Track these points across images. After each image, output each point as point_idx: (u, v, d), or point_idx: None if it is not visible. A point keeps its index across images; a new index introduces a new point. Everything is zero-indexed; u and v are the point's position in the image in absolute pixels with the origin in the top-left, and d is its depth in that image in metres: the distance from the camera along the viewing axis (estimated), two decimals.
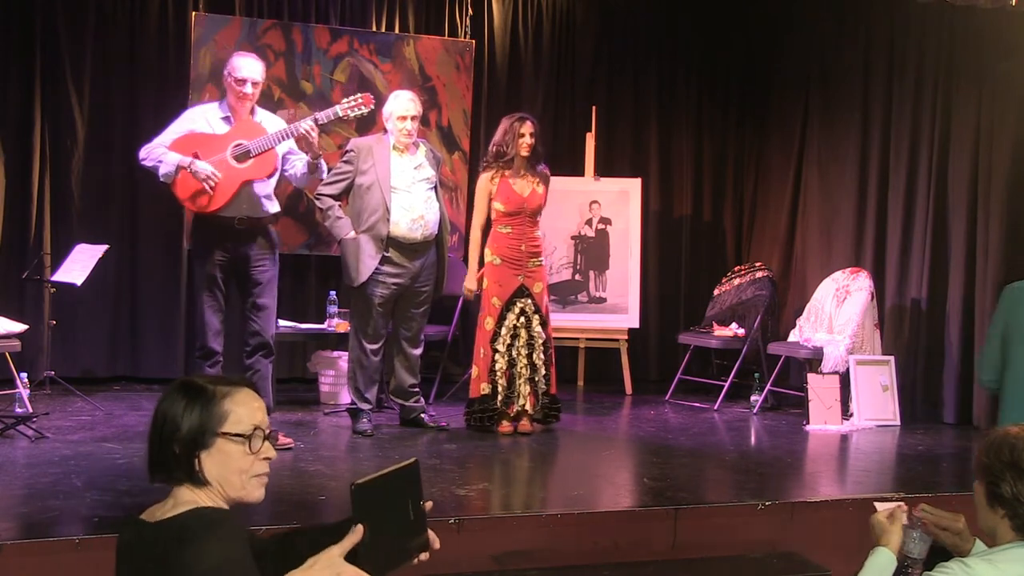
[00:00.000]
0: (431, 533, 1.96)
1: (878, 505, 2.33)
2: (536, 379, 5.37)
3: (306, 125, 4.80)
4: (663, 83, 7.66)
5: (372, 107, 5.09)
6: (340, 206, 5.28)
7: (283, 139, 4.87)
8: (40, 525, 3.49)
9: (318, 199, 5.29)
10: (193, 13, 6.37)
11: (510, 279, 5.36)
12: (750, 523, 3.98)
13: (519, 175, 5.38)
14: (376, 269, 5.18)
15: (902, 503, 2.33)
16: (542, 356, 5.39)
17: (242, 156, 4.81)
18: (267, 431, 1.89)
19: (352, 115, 5.05)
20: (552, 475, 4.93)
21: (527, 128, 5.34)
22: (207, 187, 4.75)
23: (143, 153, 4.93)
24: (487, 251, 5.40)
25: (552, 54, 7.39)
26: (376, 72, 6.73)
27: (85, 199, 6.38)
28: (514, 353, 5.34)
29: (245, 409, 1.86)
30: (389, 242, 5.17)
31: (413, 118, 5.23)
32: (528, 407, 5.37)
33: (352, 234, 5.19)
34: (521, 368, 5.34)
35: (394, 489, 1.89)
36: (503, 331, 5.32)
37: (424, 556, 1.95)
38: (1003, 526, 2.14)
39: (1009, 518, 2.13)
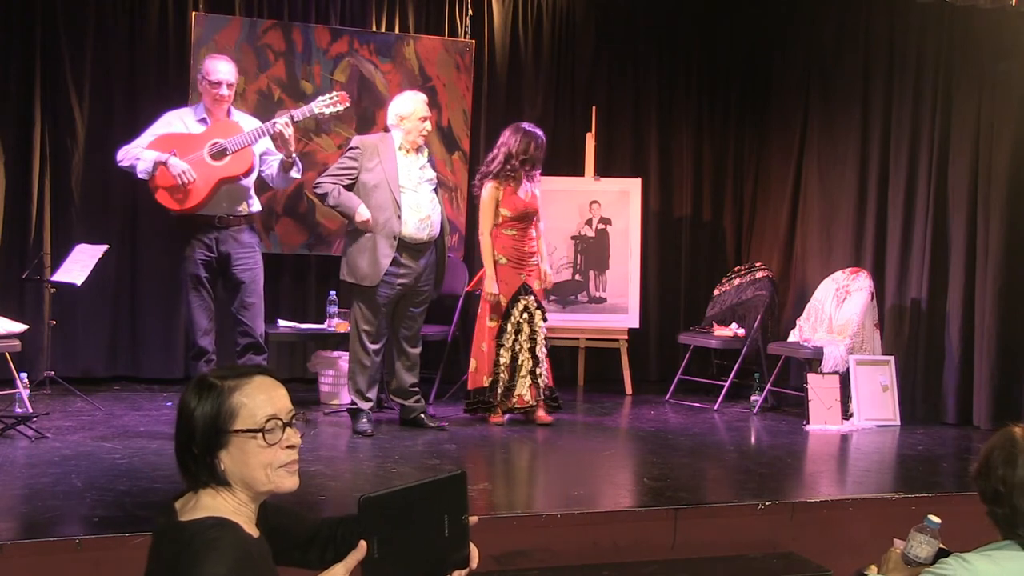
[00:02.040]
0: (473, 550, 1.87)
1: (897, 541, 2.34)
2: (537, 371, 5.61)
3: (282, 122, 4.84)
4: (663, 83, 7.65)
5: (347, 105, 5.16)
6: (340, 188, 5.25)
7: (259, 137, 4.94)
8: (40, 525, 3.49)
9: (318, 187, 5.25)
10: (193, 13, 6.37)
11: (514, 277, 5.60)
12: (750, 523, 3.98)
13: (521, 182, 5.61)
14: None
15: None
16: (543, 350, 5.65)
17: (219, 154, 4.88)
18: (287, 418, 1.83)
19: (328, 112, 5.11)
20: (552, 475, 4.93)
21: (543, 141, 5.70)
22: (180, 182, 4.83)
23: (120, 155, 5.02)
24: (494, 252, 5.62)
25: (552, 54, 7.39)
26: (376, 72, 6.73)
27: (85, 199, 6.37)
28: (516, 348, 5.57)
29: (258, 400, 1.80)
30: (399, 242, 5.18)
31: (430, 119, 5.36)
32: (530, 398, 5.61)
33: (362, 208, 5.13)
34: (524, 361, 5.58)
35: (419, 502, 1.81)
36: (508, 327, 5.56)
37: (459, 574, 1.85)
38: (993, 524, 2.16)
39: (989, 515, 2.15)
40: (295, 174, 5.17)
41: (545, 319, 5.68)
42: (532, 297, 5.61)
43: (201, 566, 1.67)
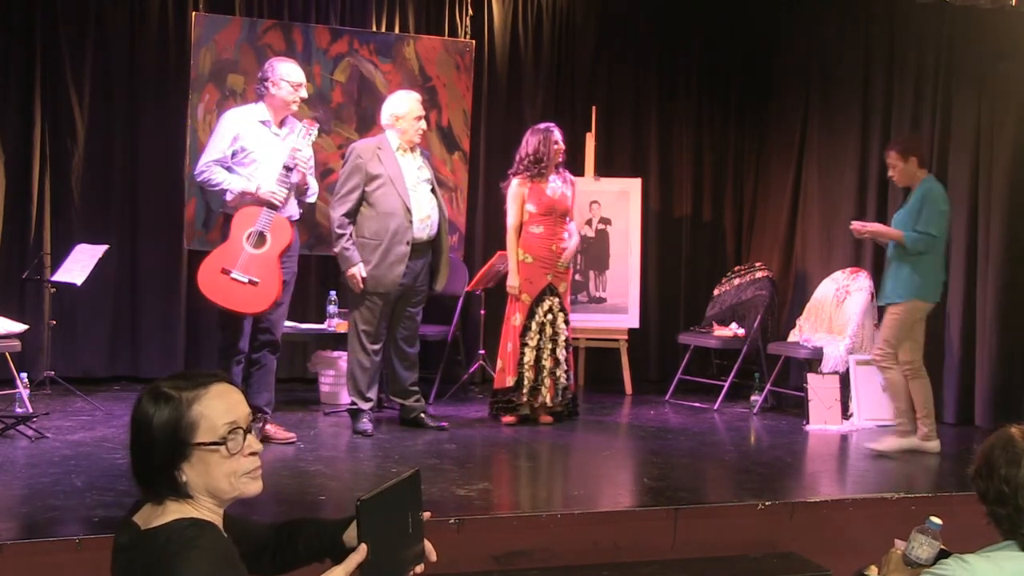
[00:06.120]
0: (428, 544, 1.91)
1: (898, 542, 2.34)
2: (557, 373, 5.64)
3: (279, 184, 4.86)
4: (663, 83, 7.65)
5: (316, 128, 5.09)
6: (352, 233, 5.23)
7: (281, 206, 4.87)
8: (40, 525, 3.50)
9: (334, 222, 5.21)
10: (193, 13, 6.36)
11: (539, 277, 5.64)
12: (750, 523, 3.99)
13: (548, 179, 5.65)
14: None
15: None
16: (564, 352, 5.67)
17: (259, 241, 4.82)
18: (247, 424, 1.79)
19: (308, 142, 5.00)
20: (552, 475, 4.93)
21: (559, 136, 5.68)
22: (276, 202, 4.82)
23: (203, 176, 4.95)
24: (519, 250, 5.66)
25: (552, 54, 7.39)
26: (376, 72, 6.73)
27: (85, 199, 6.37)
28: (540, 346, 5.61)
29: (217, 409, 1.76)
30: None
31: (426, 117, 5.38)
32: (547, 400, 5.63)
33: (359, 269, 5.14)
34: (545, 362, 5.61)
35: (395, 502, 1.84)
36: (532, 326, 5.60)
37: (419, 568, 1.89)
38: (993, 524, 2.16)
39: (989, 515, 2.15)
40: (310, 199, 5.23)
41: (568, 322, 5.70)
42: (557, 299, 5.65)
43: (184, 565, 1.65)
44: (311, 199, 5.24)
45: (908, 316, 5.20)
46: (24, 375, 5.32)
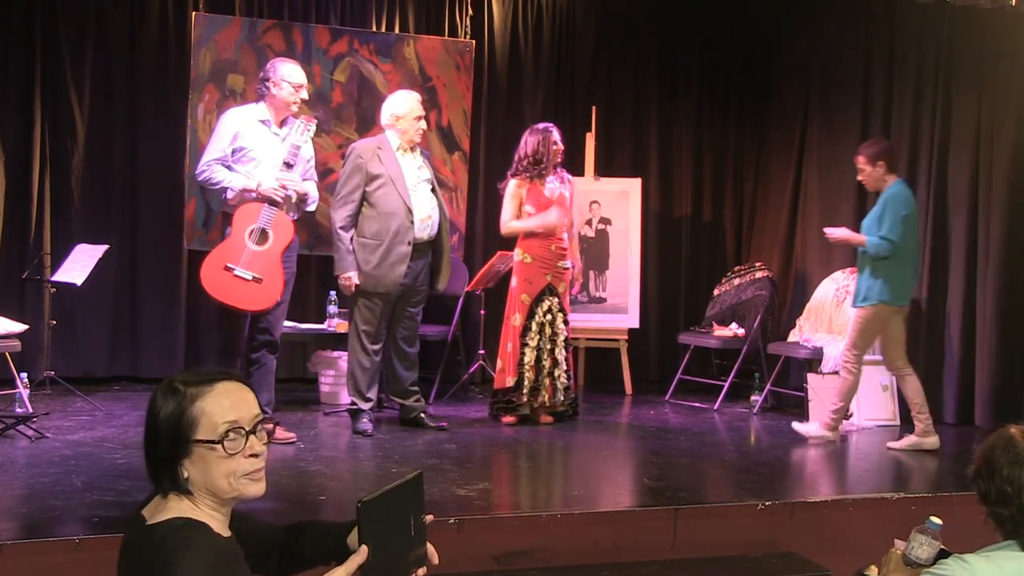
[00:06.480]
0: (430, 548, 1.90)
1: (898, 542, 2.34)
2: (556, 374, 5.64)
3: (277, 187, 4.84)
4: (663, 83, 7.65)
5: (315, 122, 5.12)
6: (353, 236, 5.24)
7: (282, 201, 4.88)
8: (40, 525, 3.50)
9: (336, 222, 5.21)
10: (193, 13, 6.36)
11: (539, 277, 5.64)
12: (750, 523, 3.99)
13: (547, 180, 5.64)
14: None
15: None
16: (563, 352, 5.67)
17: (261, 238, 4.82)
18: (250, 426, 1.77)
19: (305, 138, 5.00)
20: (552, 475, 4.94)
21: (558, 136, 5.67)
22: (277, 198, 4.82)
23: (204, 175, 4.94)
24: (518, 250, 5.68)
25: (552, 54, 7.39)
26: (376, 72, 6.73)
27: (85, 199, 6.37)
28: (540, 347, 5.61)
29: (220, 406, 1.75)
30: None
31: (426, 118, 5.38)
32: (546, 400, 5.64)
33: (354, 275, 5.15)
34: (544, 362, 5.61)
35: (397, 503, 1.83)
36: (532, 326, 5.59)
37: (422, 571, 1.88)
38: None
39: (990, 516, 2.15)
40: (310, 207, 5.24)
41: (567, 323, 5.71)
42: (556, 299, 5.65)
43: (180, 565, 1.65)
44: (311, 207, 5.24)
45: (874, 320, 5.30)
46: (24, 375, 5.32)
